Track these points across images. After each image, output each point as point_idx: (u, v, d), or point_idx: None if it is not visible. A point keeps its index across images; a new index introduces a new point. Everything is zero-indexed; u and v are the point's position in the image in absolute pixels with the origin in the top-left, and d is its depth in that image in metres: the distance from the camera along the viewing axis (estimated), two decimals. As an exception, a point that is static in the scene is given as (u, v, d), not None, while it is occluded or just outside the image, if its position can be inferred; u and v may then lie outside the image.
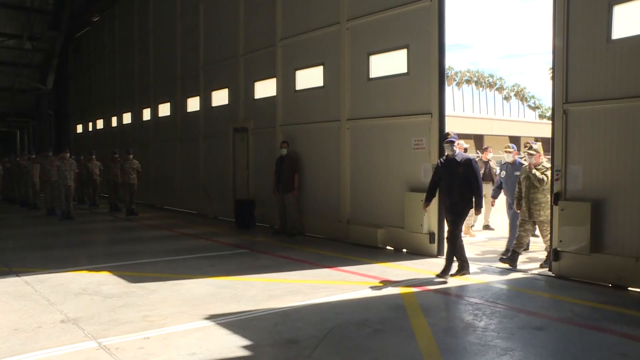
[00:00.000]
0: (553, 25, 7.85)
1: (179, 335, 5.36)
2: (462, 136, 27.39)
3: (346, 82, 11.18)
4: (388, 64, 10.44)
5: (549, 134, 8.97)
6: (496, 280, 7.75)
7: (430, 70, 9.49)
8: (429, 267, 8.55)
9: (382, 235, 10.25)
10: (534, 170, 8.27)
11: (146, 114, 20.35)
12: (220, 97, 15.58)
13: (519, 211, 8.63)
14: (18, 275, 8.08)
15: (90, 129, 27.08)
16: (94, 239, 12.79)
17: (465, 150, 11.21)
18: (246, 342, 5.13)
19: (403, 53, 10.06)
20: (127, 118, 22.24)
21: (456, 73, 79.29)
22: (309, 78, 12.25)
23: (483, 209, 8.94)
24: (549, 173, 8.16)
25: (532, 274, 8.16)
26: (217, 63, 15.57)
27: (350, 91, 11.13)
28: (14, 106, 30.19)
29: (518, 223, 8.68)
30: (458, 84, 79.61)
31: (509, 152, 9.82)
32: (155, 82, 19.55)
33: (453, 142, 7.87)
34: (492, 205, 10.47)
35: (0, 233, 12.85)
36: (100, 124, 25.62)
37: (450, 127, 9.71)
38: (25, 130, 30.21)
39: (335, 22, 11.38)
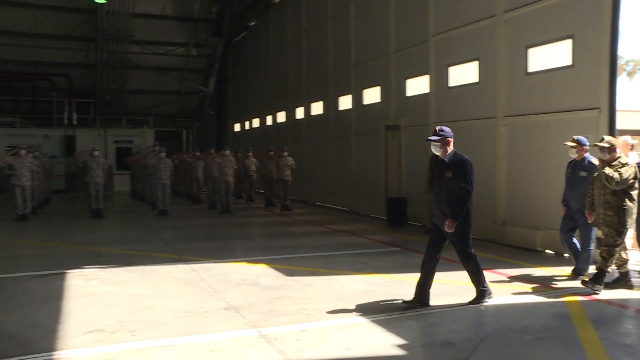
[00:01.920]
0: None
1: (334, 329, 5.45)
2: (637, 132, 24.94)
3: (502, 78, 10.70)
4: (549, 56, 9.80)
5: None
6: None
7: (600, 60, 8.74)
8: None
9: (542, 238, 9.66)
10: (605, 168, 6.71)
11: (299, 113, 21.07)
12: (371, 95, 15.67)
13: (590, 218, 7.09)
14: (187, 263, 8.75)
15: (247, 127, 28.66)
16: (250, 232, 13.50)
17: (632, 147, 10.06)
18: (400, 341, 5.08)
19: (567, 44, 9.39)
20: (281, 117, 23.20)
21: (627, 62, 72.32)
22: (463, 74, 11.89)
23: None
24: (625, 170, 6.60)
25: None
26: (369, 61, 15.67)
27: (507, 87, 10.63)
28: (180, 108, 32.87)
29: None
30: (629, 74, 72.65)
31: (573, 146, 7.71)
32: (308, 82, 20.16)
33: (434, 140, 6.29)
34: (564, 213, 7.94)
35: (172, 224, 14.01)
36: (256, 122, 27.01)
37: (622, 122, 8.83)
38: (190, 129, 32.74)
39: (491, 14, 10.92)
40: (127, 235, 12.30)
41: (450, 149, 6.33)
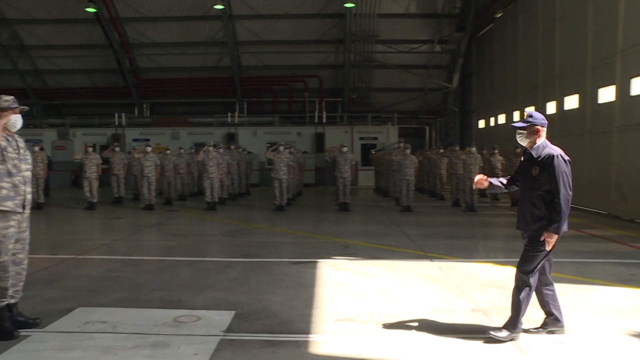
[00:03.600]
0: None
1: (599, 347, 4.88)
2: None
3: None
4: None
5: None
6: None
7: None
8: None
9: None
10: None
11: (550, 107, 19.57)
12: (640, 85, 13.83)
13: None
14: (431, 260, 8.67)
15: (492, 123, 27.62)
16: (495, 232, 12.92)
17: None
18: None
19: None
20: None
21: None
22: None
23: None
24: None
25: None
26: None
27: None
28: (423, 104, 33.10)
29: None
30: None
31: None
32: (561, 73, 18.61)
33: (519, 127, 5.15)
34: None
35: (415, 220, 14.08)
36: (501, 118, 25.89)
37: None
38: (433, 126, 32.77)
39: None
40: (372, 229, 12.68)
41: (541, 139, 5.11)
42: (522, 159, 5.27)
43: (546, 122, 5.17)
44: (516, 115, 23.45)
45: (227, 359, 4.58)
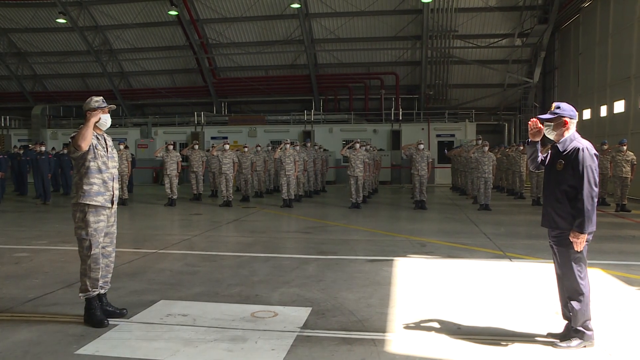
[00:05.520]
0: None
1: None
2: None
3: None
4: None
5: None
6: None
7: None
8: None
9: None
10: None
11: (643, 101, 18.54)
12: None
13: None
14: (511, 261, 8.39)
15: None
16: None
17: None
18: None
19: None
20: (619, 106, 20.72)
21: None
22: None
23: None
24: None
25: None
26: None
27: None
28: (502, 100, 32.13)
29: None
30: None
31: None
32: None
33: (546, 120, 4.84)
34: None
35: (494, 219, 13.68)
36: (586, 114, 24.75)
37: None
38: (512, 122, 31.76)
39: None
40: (449, 227, 12.42)
41: (569, 132, 4.80)
42: (549, 153, 4.98)
43: (576, 113, 4.87)
44: (604, 110, 22.37)
45: (304, 355, 4.59)
